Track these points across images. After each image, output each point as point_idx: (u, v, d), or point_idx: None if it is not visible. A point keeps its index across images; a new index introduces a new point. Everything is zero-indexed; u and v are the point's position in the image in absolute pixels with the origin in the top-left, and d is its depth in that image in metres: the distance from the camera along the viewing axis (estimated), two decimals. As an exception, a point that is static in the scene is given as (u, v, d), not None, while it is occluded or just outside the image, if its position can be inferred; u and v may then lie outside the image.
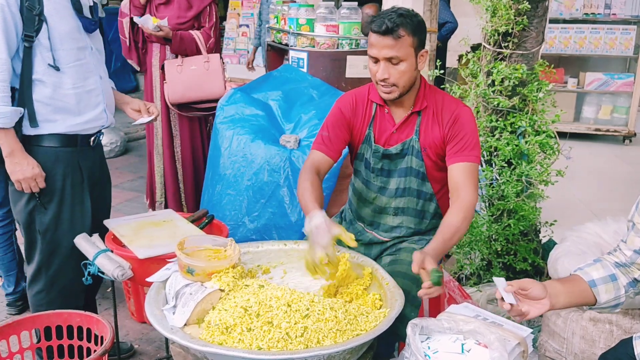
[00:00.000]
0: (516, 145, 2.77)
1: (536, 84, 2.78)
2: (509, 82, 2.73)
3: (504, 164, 2.82)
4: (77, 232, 2.30)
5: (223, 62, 3.69)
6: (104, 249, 2.21)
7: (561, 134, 2.93)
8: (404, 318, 1.72)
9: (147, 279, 1.90)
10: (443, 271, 1.79)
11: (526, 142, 2.76)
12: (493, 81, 2.80)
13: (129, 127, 6.12)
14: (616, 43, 6.15)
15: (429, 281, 1.68)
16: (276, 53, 4.20)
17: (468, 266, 3.01)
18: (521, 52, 2.77)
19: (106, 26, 7.03)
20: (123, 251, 2.21)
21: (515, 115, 2.79)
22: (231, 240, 1.95)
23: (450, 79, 3.25)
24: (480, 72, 2.89)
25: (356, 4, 3.67)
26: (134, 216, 2.51)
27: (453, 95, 2.87)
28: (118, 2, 7.83)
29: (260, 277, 2.01)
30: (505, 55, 2.79)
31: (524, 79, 2.76)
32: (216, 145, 3.01)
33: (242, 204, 2.85)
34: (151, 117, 2.51)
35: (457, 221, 1.89)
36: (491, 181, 2.89)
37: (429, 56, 2.34)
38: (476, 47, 3.18)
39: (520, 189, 2.79)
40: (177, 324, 1.69)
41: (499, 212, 2.86)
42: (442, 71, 3.10)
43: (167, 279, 1.87)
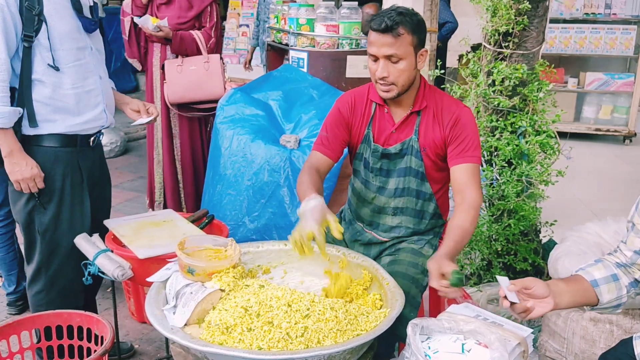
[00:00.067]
0: (516, 145, 2.77)
1: (536, 83, 2.78)
2: (510, 82, 2.73)
3: (505, 164, 2.82)
4: (77, 232, 2.30)
5: (223, 63, 3.69)
6: (104, 249, 2.21)
7: (561, 134, 2.92)
8: (403, 318, 1.72)
9: (147, 279, 1.90)
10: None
11: (526, 142, 2.76)
12: (493, 81, 2.80)
13: (129, 127, 6.12)
14: (616, 43, 6.15)
15: (447, 282, 1.64)
16: (276, 53, 4.20)
17: (468, 266, 3.01)
18: (521, 52, 2.77)
19: (106, 26, 7.03)
20: (123, 251, 2.21)
21: (515, 115, 2.79)
22: (231, 240, 1.95)
23: (450, 78, 3.24)
24: (480, 72, 2.89)
25: (356, 3, 3.67)
26: (134, 216, 2.51)
27: (453, 95, 2.87)
28: (118, 2, 7.85)
29: (260, 277, 2.01)
30: (506, 55, 2.79)
31: (524, 78, 2.76)
32: (217, 145, 3.01)
33: (243, 204, 2.85)
34: (150, 117, 2.51)
35: (467, 223, 1.88)
36: (491, 181, 2.89)
37: (429, 56, 2.34)
38: (476, 47, 3.18)
39: (521, 189, 2.79)
40: (178, 324, 1.69)
41: (500, 212, 2.86)
42: (442, 71, 3.10)
43: (168, 278, 1.86)
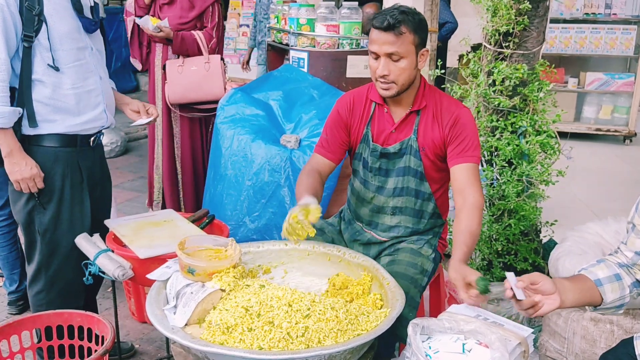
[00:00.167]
0: (517, 145, 2.77)
1: (537, 83, 2.78)
2: (510, 82, 2.73)
3: (505, 163, 2.82)
4: (77, 233, 2.30)
5: (224, 63, 3.69)
6: (104, 249, 2.21)
7: (562, 134, 2.92)
8: (402, 319, 1.72)
9: (147, 276, 1.90)
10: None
11: (527, 142, 2.76)
12: (494, 81, 2.80)
13: (129, 127, 6.11)
14: (617, 43, 6.14)
15: (476, 291, 1.65)
16: (276, 53, 4.19)
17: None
18: (522, 52, 2.77)
19: (106, 26, 7.04)
20: (124, 251, 2.21)
21: (515, 115, 2.79)
22: (232, 240, 1.95)
23: (450, 78, 3.24)
24: (480, 72, 2.89)
25: (357, 3, 3.66)
26: (134, 216, 2.51)
27: (454, 95, 2.88)
28: (118, 2, 7.85)
29: (261, 277, 2.01)
30: (506, 55, 2.79)
31: (524, 78, 2.76)
32: (217, 145, 3.01)
33: (243, 204, 2.85)
34: (150, 118, 2.51)
35: (474, 226, 1.88)
36: (492, 181, 2.89)
37: (429, 56, 2.33)
38: (477, 47, 3.18)
39: (521, 188, 2.79)
40: (178, 323, 1.69)
41: (500, 212, 2.86)
42: (442, 71, 3.10)
43: (168, 278, 1.87)
